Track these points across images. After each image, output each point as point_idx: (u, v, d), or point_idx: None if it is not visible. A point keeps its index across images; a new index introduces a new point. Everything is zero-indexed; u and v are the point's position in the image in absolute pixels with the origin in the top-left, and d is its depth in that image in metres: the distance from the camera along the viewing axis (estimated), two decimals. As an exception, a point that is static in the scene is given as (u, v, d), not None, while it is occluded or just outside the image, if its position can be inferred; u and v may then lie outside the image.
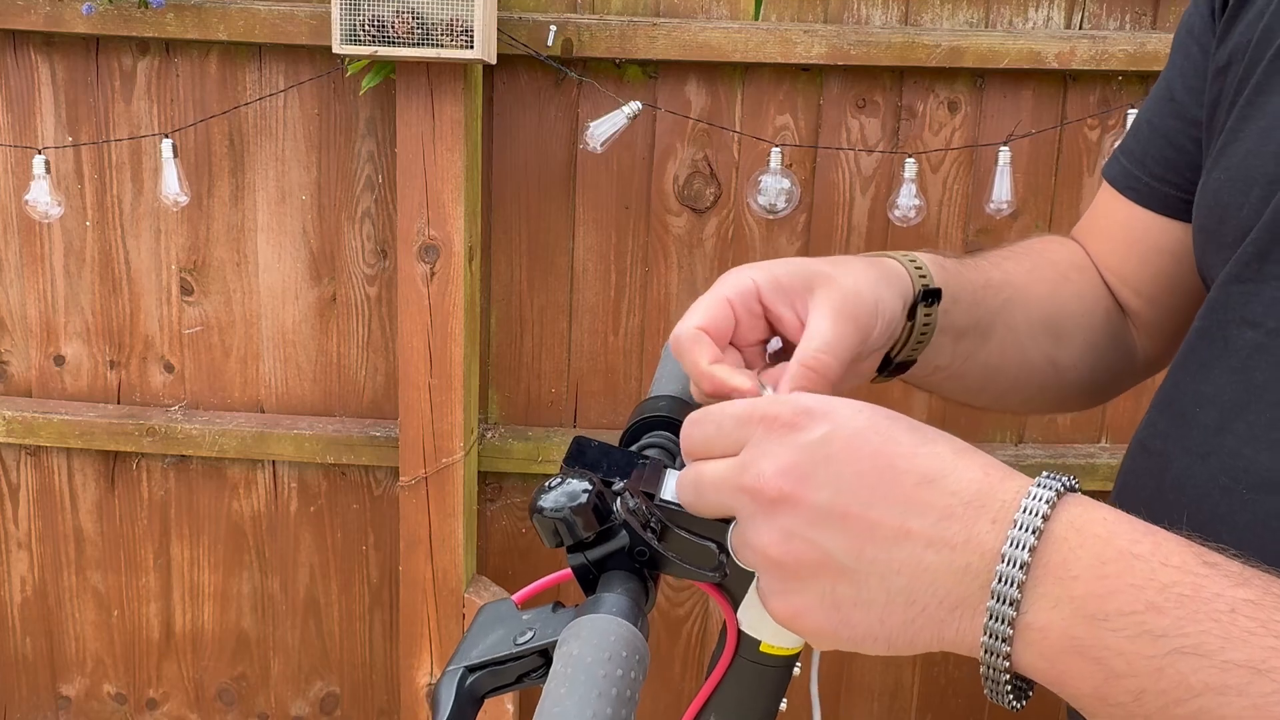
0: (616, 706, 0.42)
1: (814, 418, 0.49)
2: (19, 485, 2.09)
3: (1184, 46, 0.77)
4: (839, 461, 0.48)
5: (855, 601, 0.48)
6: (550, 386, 2.02)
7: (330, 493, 2.06)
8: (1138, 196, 0.80)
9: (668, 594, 2.08)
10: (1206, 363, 0.65)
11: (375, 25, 1.60)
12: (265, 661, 2.14)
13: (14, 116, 1.93)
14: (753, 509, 0.49)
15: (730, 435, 0.51)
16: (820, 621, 0.49)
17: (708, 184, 1.93)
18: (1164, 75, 0.80)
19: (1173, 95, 0.77)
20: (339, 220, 1.96)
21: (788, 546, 0.48)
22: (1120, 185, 0.81)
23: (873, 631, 0.48)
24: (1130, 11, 1.85)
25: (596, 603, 0.49)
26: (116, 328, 2.01)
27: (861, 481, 0.47)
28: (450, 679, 0.48)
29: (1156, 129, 0.78)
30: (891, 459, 0.48)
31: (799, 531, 0.48)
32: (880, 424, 0.49)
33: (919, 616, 0.47)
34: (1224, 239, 0.66)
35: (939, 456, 0.48)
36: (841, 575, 0.48)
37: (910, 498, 0.47)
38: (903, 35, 1.80)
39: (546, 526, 0.51)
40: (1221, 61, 0.70)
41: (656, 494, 0.53)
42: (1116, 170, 0.82)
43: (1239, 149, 0.66)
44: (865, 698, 2.13)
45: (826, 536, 0.47)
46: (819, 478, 0.48)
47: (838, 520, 0.47)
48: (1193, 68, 0.75)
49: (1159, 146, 0.78)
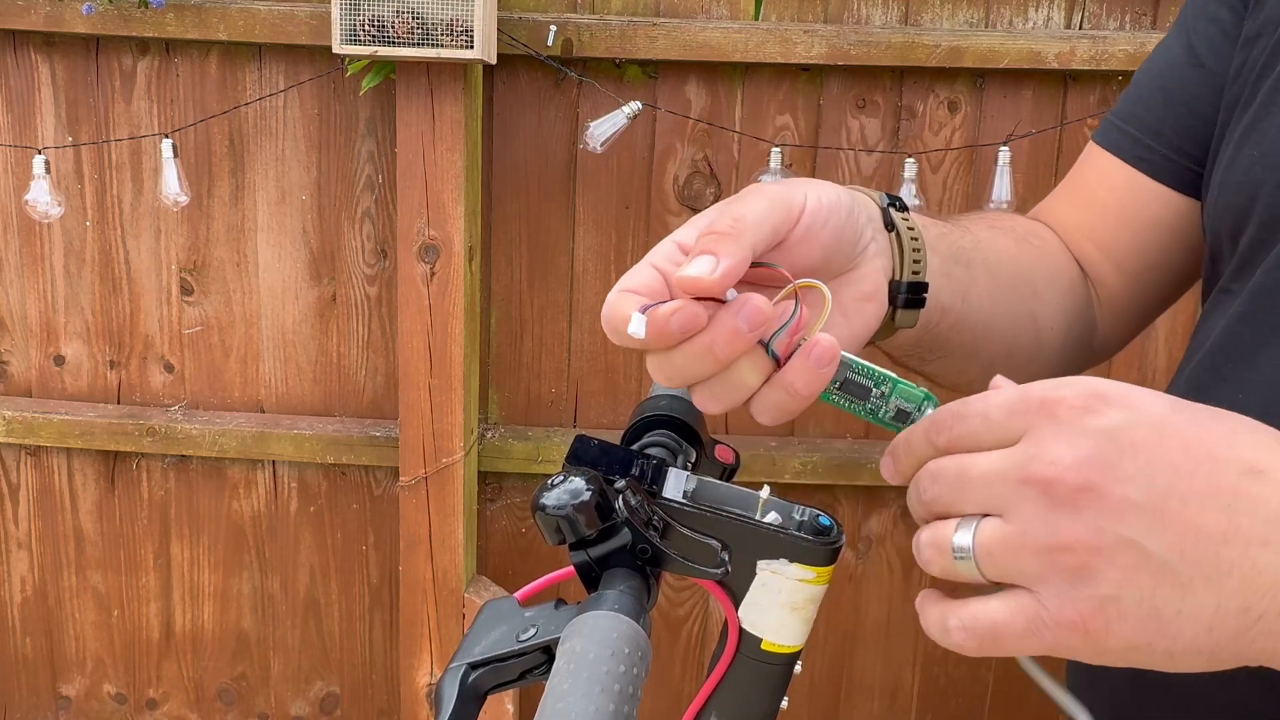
0: (619, 702, 0.42)
1: (1108, 402, 0.43)
2: (19, 485, 2.09)
3: (1207, 10, 0.73)
4: (1147, 449, 0.42)
5: (1179, 610, 0.42)
6: (550, 386, 2.02)
7: (330, 493, 2.06)
8: (1149, 168, 0.75)
9: (668, 594, 2.08)
10: (1254, 347, 0.62)
11: (375, 25, 1.60)
12: (265, 661, 2.14)
13: (14, 116, 1.93)
14: (1042, 503, 0.43)
15: (1000, 425, 0.45)
16: (1132, 633, 0.42)
17: (708, 184, 1.93)
18: (1179, 38, 0.75)
19: (1200, 60, 0.73)
20: (339, 220, 1.96)
21: (1097, 543, 0.42)
22: (1128, 155, 0.76)
23: (1197, 643, 0.42)
24: (1130, 11, 1.85)
25: (599, 599, 0.49)
26: (116, 328, 2.01)
27: (1177, 473, 0.42)
28: (453, 676, 0.48)
29: (1176, 96, 0.74)
30: (1209, 447, 0.43)
31: (1108, 527, 0.42)
32: (1184, 408, 0.44)
33: (1254, 625, 0.42)
34: (1260, 217, 0.63)
35: (1260, 445, 0.43)
36: (1162, 579, 0.42)
37: (1236, 490, 0.42)
38: (903, 35, 1.80)
39: (549, 524, 0.51)
40: (1252, 32, 0.68)
41: (658, 492, 0.53)
42: (1123, 140, 0.77)
43: (1272, 124, 0.63)
44: (865, 698, 2.13)
45: (1142, 533, 0.42)
46: (1125, 468, 0.42)
47: (1153, 516, 0.42)
48: (1220, 33, 0.72)
49: (1179, 115, 0.74)
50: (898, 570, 2.08)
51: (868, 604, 2.09)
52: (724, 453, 0.63)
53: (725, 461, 0.63)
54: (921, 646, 2.11)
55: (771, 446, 1.96)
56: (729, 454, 0.63)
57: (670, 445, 0.61)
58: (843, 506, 2.03)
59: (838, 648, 2.09)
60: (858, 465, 1.94)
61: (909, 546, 2.14)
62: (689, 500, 0.53)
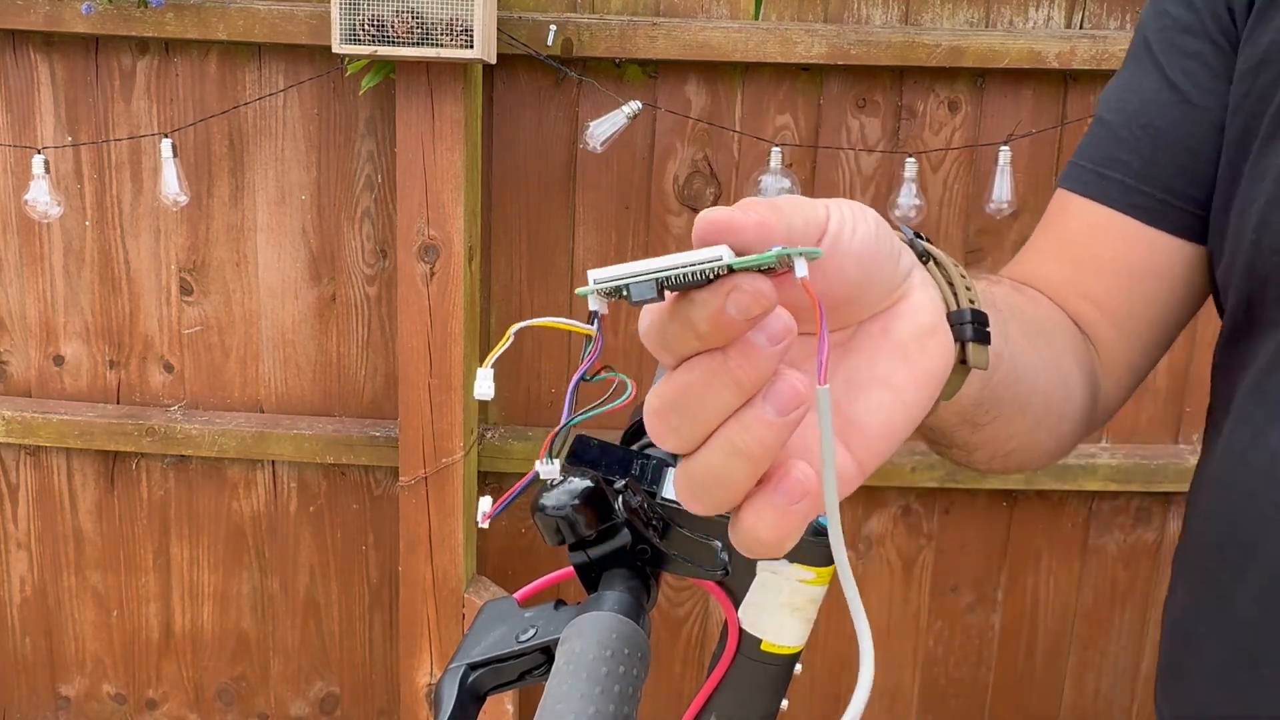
0: (619, 703, 0.42)
1: None
2: (18, 485, 2.08)
3: (1179, 45, 0.70)
4: None
5: None
6: (550, 386, 2.02)
7: (330, 493, 2.06)
8: (1148, 216, 0.71)
9: (668, 594, 2.08)
10: None
11: (375, 25, 1.60)
12: (265, 661, 2.14)
13: (13, 116, 1.93)
14: None
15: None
16: None
17: (708, 184, 1.93)
18: (1150, 77, 0.71)
19: (1186, 98, 0.69)
20: (339, 220, 1.96)
21: None
22: (1120, 204, 0.71)
23: None
24: (1131, 11, 1.85)
25: (598, 600, 0.49)
26: (116, 328, 2.01)
27: None
28: (452, 677, 0.48)
29: (1166, 136, 0.70)
30: None
31: None
32: None
33: None
34: None
35: None
36: None
37: None
38: (903, 35, 1.80)
39: (548, 525, 0.51)
40: (1252, 61, 0.65)
41: (658, 492, 0.53)
42: (1111, 187, 0.72)
43: None
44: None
45: None
46: None
47: None
48: (1202, 66, 0.69)
49: (1175, 156, 0.70)
50: (898, 570, 2.08)
51: (868, 604, 2.08)
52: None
53: (725, 462, 0.63)
54: (922, 646, 2.11)
55: (771, 446, 1.95)
56: (729, 454, 0.63)
57: (670, 445, 0.61)
58: (843, 506, 2.02)
59: (838, 648, 2.09)
60: (858, 465, 1.93)
61: (909, 546, 2.14)
62: (689, 500, 0.53)
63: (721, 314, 0.35)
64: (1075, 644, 2.12)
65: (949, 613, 2.10)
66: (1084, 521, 2.06)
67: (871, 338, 0.44)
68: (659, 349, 0.39)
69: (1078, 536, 2.07)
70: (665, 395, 0.38)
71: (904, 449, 1.89)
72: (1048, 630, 2.11)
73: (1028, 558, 2.08)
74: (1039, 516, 2.05)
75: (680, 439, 0.39)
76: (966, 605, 2.10)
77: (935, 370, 0.45)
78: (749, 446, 0.37)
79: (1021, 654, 2.12)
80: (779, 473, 0.39)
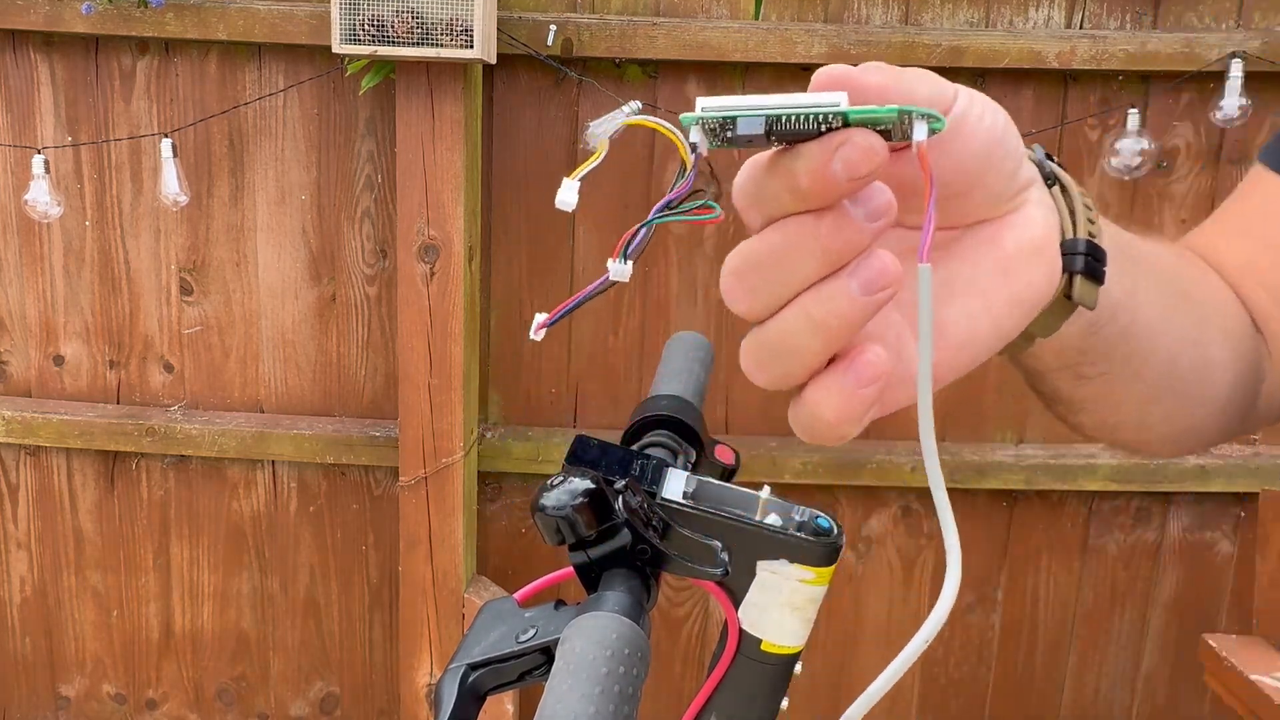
0: (619, 703, 0.42)
1: None
2: (18, 485, 2.08)
3: None
4: None
5: None
6: (550, 386, 2.02)
7: (330, 493, 2.06)
8: None
9: (668, 594, 2.08)
10: None
11: (375, 25, 1.60)
12: (265, 661, 2.14)
13: (14, 116, 1.93)
14: None
15: None
16: None
17: (708, 184, 1.93)
18: None
19: None
20: (339, 220, 1.96)
21: None
22: None
23: None
24: (1130, 11, 1.85)
25: (598, 600, 0.49)
26: (116, 328, 2.01)
27: None
28: (452, 677, 0.48)
29: None
30: None
31: None
32: None
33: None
34: None
35: None
36: None
37: None
38: (903, 35, 1.80)
39: (548, 525, 0.51)
40: None
41: (658, 492, 0.53)
42: None
43: None
44: (865, 698, 2.13)
45: None
46: None
47: None
48: None
49: None
50: (898, 570, 2.08)
51: (868, 604, 2.09)
52: (724, 453, 0.63)
53: (725, 462, 0.63)
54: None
55: (772, 447, 1.95)
56: (729, 454, 0.63)
57: (670, 445, 0.61)
58: (843, 506, 2.03)
59: (838, 648, 2.09)
60: (858, 465, 1.93)
61: (909, 546, 2.14)
62: (689, 501, 0.53)
63: (826, 168, 0.33)
64: (1075, 644, 2.12)
65: (949, 612, 2.10)
66: (1084, 521, 2.06)
67: (975, 245, 0.42)
68: (750, 204, 0.37)
69: (1078, 536, 2.07)
70: (748, 254, 0.37)
71: (904, 448, 1.89)
72: (1048, 630, 2.11)
73: (1028, 558, 2.08)
74: (1039, 516, 2.05)
75: (756, 301, 0.37)
76: (966, 605, 2.10)
77: (1034, 293, 0.42)
78: (826, 319, 0.36)
79: (1021, 654, 2.12)
80: (853, 352, 0.37)
